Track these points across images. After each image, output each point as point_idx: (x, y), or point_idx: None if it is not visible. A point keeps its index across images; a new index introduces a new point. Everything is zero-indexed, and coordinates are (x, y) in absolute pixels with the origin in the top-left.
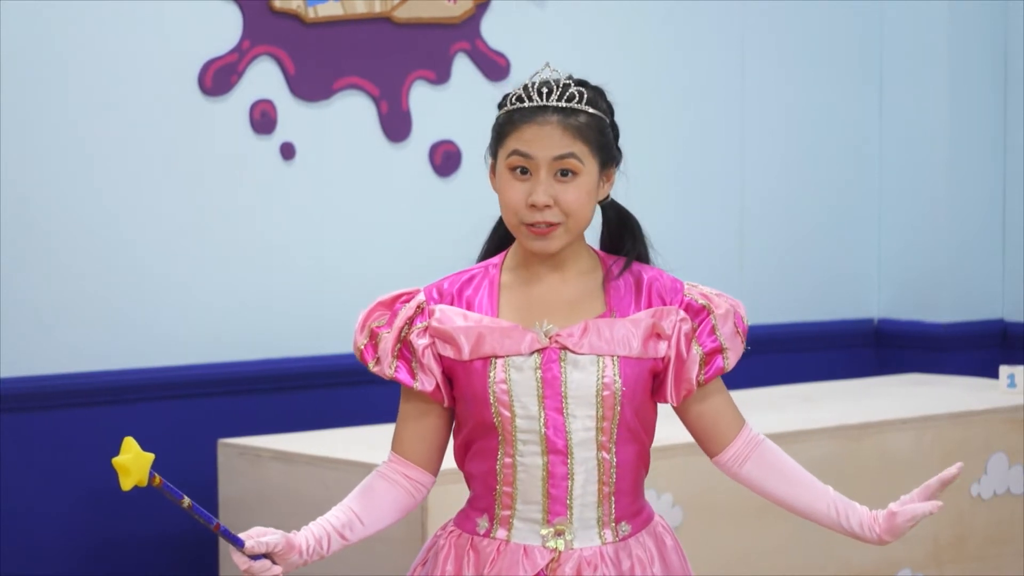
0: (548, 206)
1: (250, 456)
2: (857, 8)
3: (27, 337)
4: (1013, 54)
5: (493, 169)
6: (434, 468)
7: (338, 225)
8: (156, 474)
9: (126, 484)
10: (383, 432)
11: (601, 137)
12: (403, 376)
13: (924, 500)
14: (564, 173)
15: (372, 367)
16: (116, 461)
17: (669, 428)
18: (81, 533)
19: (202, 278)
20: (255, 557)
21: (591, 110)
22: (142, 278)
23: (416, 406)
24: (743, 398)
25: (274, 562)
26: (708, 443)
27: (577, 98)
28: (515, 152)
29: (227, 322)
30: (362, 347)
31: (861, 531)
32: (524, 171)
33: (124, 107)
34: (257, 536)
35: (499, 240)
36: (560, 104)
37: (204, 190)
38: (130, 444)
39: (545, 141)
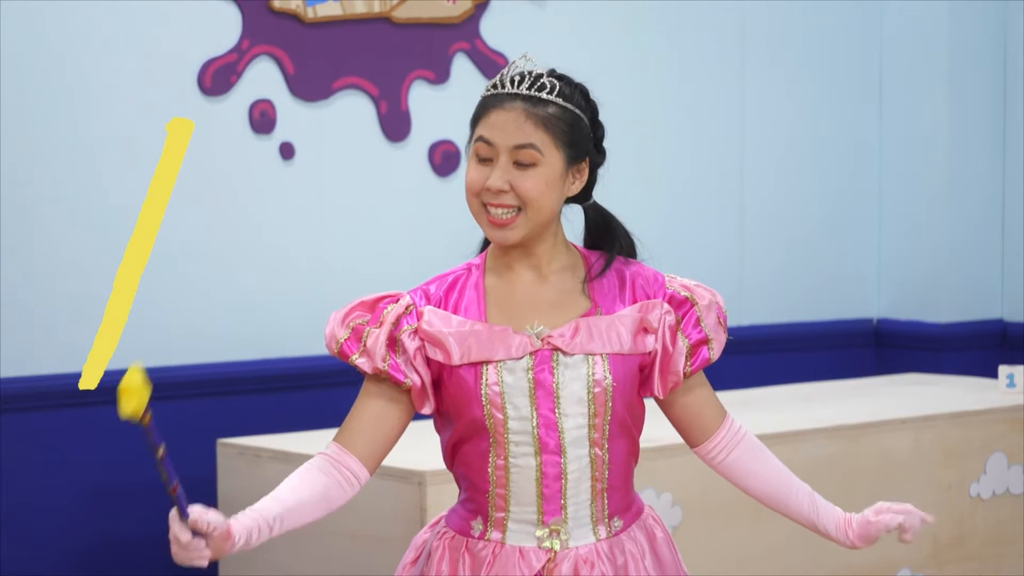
0: (503, 191)
1: (249, 456)
2: (857, 9)
3: (27, 337)
4: (1013, 54)
5: None
6: (374, 467)
7: (338, 225)
8: (150, 411)
9: (126, 409)
10: None
11: (570, 131)
12: (394, 372)
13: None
14: (522, 162)
15: (356, 359)
16: (123, 386)
17: (669, 428)
18: (81, 533)
19: (202, 278)
20: (194, 534)
21: (562, 102)
22: (142, 278)
23: (381, 405)
24: (743, 398)
25: (207, 544)
26: (691, 434)
27: (548, 88)
28: (479, 139)
29: (227, 322)
30: (342, 340)
31: (836, 533)
32: (486, 158)
33: (124, 107)
34: (201, 513)
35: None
36: (529, 92)
37: (204, 190)
38: (138, 372)
39: (507, 128)
